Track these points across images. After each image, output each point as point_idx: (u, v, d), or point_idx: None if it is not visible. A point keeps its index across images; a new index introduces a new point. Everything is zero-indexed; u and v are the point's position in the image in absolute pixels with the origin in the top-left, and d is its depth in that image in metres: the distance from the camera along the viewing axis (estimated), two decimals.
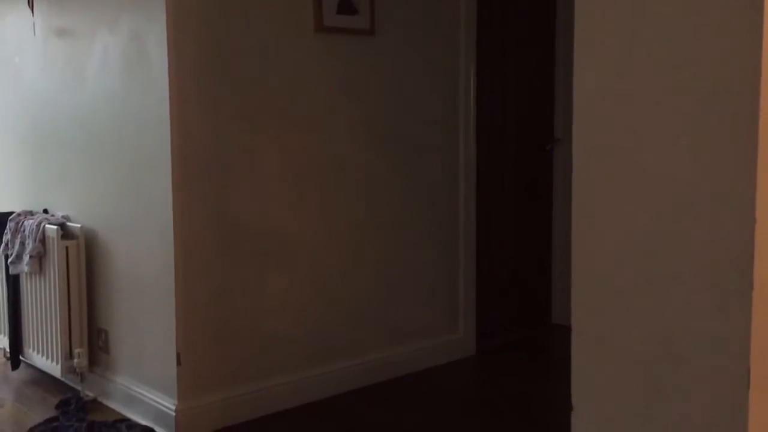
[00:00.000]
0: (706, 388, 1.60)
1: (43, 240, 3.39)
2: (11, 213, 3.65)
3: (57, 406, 3.25)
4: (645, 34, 1.69)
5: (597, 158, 1.78)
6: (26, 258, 3.43)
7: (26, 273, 3.49)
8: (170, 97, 2.87)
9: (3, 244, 3.62)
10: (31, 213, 3.60)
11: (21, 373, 3.67)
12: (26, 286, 3.55)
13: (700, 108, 1.59)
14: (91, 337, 3.40)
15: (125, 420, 3.10)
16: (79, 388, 3.37)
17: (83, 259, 3.35)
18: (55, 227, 3.33)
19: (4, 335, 3.76)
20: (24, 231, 3.48)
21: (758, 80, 1.05)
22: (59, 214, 3.50)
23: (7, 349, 3.72)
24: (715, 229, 1.56)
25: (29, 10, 3.53)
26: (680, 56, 1.62)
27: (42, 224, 3.40)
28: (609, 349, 1.76)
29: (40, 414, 3.21)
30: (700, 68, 1.59)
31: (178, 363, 2.95)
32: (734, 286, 1.52)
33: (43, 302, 3.43)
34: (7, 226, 3.59)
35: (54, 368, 3.40)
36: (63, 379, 3.44)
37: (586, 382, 1.81)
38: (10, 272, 3.56)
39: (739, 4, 1.51)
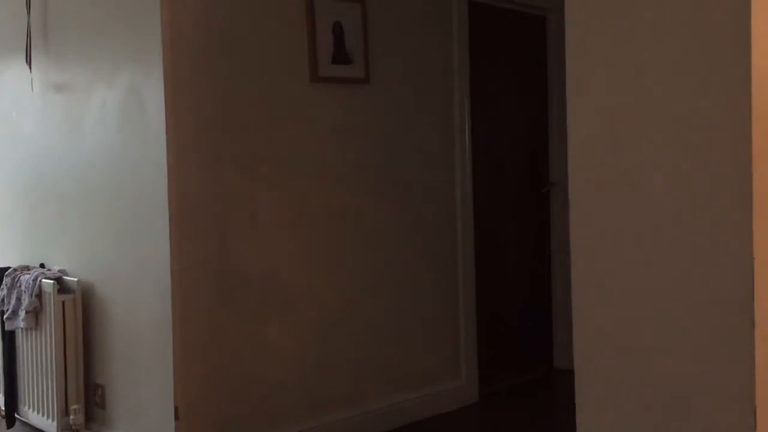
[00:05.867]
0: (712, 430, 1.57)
1: (39, 295, 3.36)
2: (8, 268, 3.63)
3: None
4: (634, 77, 1.71)
5: (594, 199, 1.78)
6: (22, 314, 3.40)
7: (22, 329, 3.46)
8: (168, 150, 2.88)
9: None
10: (27, 268, 3.59)
11: (16, 431, 3.61)
12: (22, 342, 3.52)
13: (694, 147, 1.60)
14: (88, 393, 3.34)
15: None
16: None
17: (80, 313, 3.32)
18: (52, 282, 3.31)
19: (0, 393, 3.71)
20: (20, 286, 3.46)
21: (748, 116, 1.07)
22: (56, 268, 3.49)
23: (2, 407, 3.66)
24: (715, 267, 1.56)
25: (27, 67, 3.57)
26: (669, 101, 1.64)
27: (38, 279, 3.38)
28: (611, 393, 1.74)
29: None
30: (692, 109, 1.60)
31: (176, 417, 2.90)
32: (735, 324, 1.51)
33: (39, 358, 3.39)
34: (3, 282, 3.57)
35: (50, 425, 3.34)
36: None
37: (591, 426, 1.78)
38: (6, 328, 3.52)
39: (719, 59, 1.53)
